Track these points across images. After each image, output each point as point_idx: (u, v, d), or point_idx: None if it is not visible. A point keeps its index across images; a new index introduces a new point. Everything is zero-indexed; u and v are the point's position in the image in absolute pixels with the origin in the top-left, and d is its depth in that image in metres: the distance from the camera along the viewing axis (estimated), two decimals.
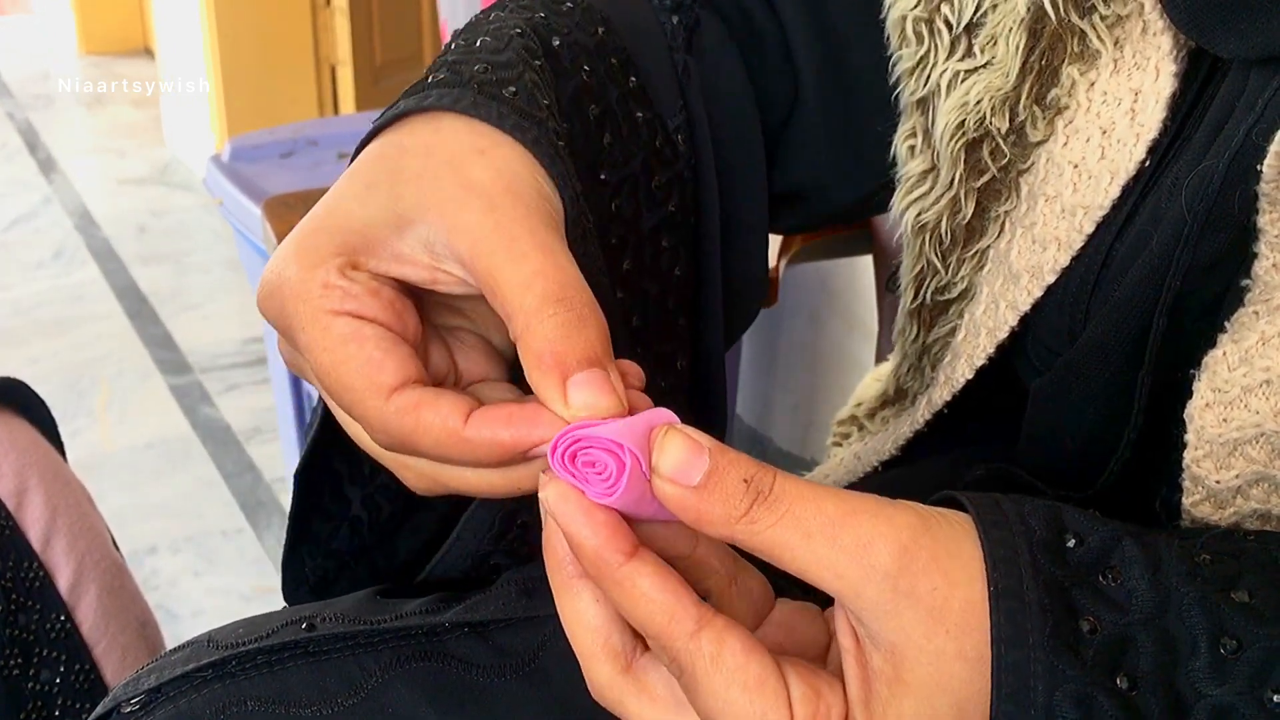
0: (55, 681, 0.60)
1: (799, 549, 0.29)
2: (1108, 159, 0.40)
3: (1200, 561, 0.30)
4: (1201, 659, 0.28)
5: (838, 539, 0.29)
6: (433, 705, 0.41)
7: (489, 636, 0.43)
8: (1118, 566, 0.29)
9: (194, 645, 0.43)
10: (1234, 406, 0.33)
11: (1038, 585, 0.28)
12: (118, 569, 0.66)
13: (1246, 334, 0.34)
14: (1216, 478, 0.34)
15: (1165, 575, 0.29)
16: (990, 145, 0.44)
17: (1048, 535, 0.30)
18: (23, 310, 2.42)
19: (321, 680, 0.41)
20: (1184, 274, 0.36)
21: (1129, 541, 0.30)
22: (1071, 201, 0.41)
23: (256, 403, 2.06)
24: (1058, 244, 0.42)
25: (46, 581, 0.61)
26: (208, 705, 0.40)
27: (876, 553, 0.29)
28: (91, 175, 3.29)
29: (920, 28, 0.45)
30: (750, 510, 0.29)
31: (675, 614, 0.29)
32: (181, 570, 1.62)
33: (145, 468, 1.86)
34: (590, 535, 0.30)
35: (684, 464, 0.30)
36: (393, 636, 0.42)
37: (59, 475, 0.64)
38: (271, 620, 0.43)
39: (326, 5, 2.91)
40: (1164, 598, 0.29)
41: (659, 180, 0.44)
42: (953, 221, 0.46)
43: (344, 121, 1.47)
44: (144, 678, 0.42)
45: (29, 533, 0.61)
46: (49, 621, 0.61)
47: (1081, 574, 0.29)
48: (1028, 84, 0.42)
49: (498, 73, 0.37)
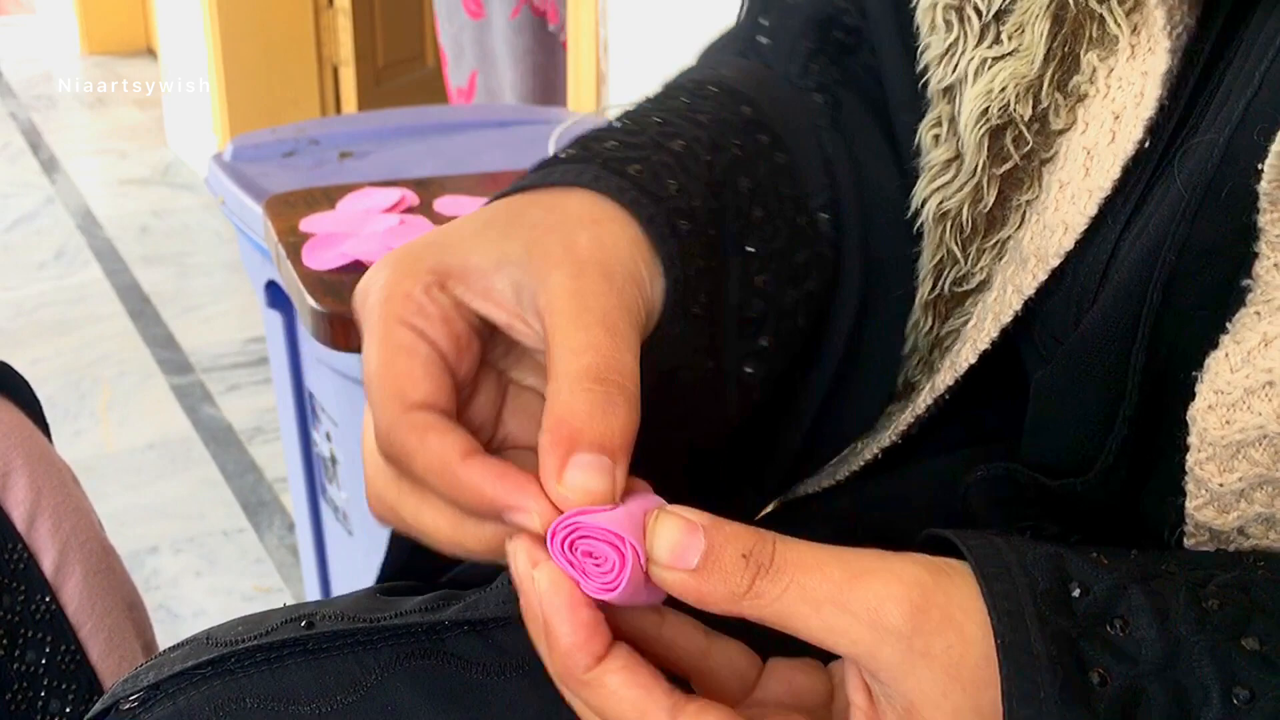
0: (40, 663, 0.60)
1: (810, 619, 0.29)
2: (1117, 143, 0.40)
3: (1209, 608, 0.29)
4: (1214, 710, 0.28)
5: (848, 605, 0.28)
6: (432, 703, 0.40)
7: (488, 635, 0.43)
8: (1125, 615, 0.29)
9: (193, 643, 0.42)
10: (1236, 409, 0.33)
11: (1045, 638, 0.28)
12: (104, 550, 0.66)
13: (1248, 335, 0.33)
14: (1220, 480, 0.34)
15: (1174, 624, 0.29)
16: (1013, 132, 0.44)
17: (1051, 585, 0.29)
18: (25, 311, 2.42)
19: (321, 677, 0.41)
20: (1179, 251, 0.36)
21: (1135, 589, 0.29)
22: (1082, 186, 0.41)
23: (258, 403, 2.06)
24: (1064, 228, 0.41)
25: (31, 563, 0.61)
26: (207, 702, 0.40)
27: (889, 615, 0.28)
28: (94, 176, 3.30)
29: (950, 15, 0.45)
30: (753, 585, 0.29)
31: (646, 710, 0.29)
32: (183, 570, 1.62)
33: (147, 468, 1.86)
34: (569, 634, 0.30)
35: (680, 547, 0.29)
36: (392, 634, 0.42)
37: (44, 457, 0.64)
38: (270, 618, 0.43)
39: (329, 6, 2.91)
40: (1174, 647, 0.28)
41: (800, 258, 0.44)
42: (974, 210, 0.45)
43: (346, 121, 1.47)
44: (143, 674, 0.42)
45: (13, 514, 0.61)
46: (34, 603, 0.60)
47: (1088, 625, 0.29)
48: (1050, 70, 0.42)
49: (626, 151, 0.38)
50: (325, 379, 1.18)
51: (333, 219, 0.90)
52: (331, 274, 0.81)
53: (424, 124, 1.40)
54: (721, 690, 0.34)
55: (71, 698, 0.61)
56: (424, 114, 1.50)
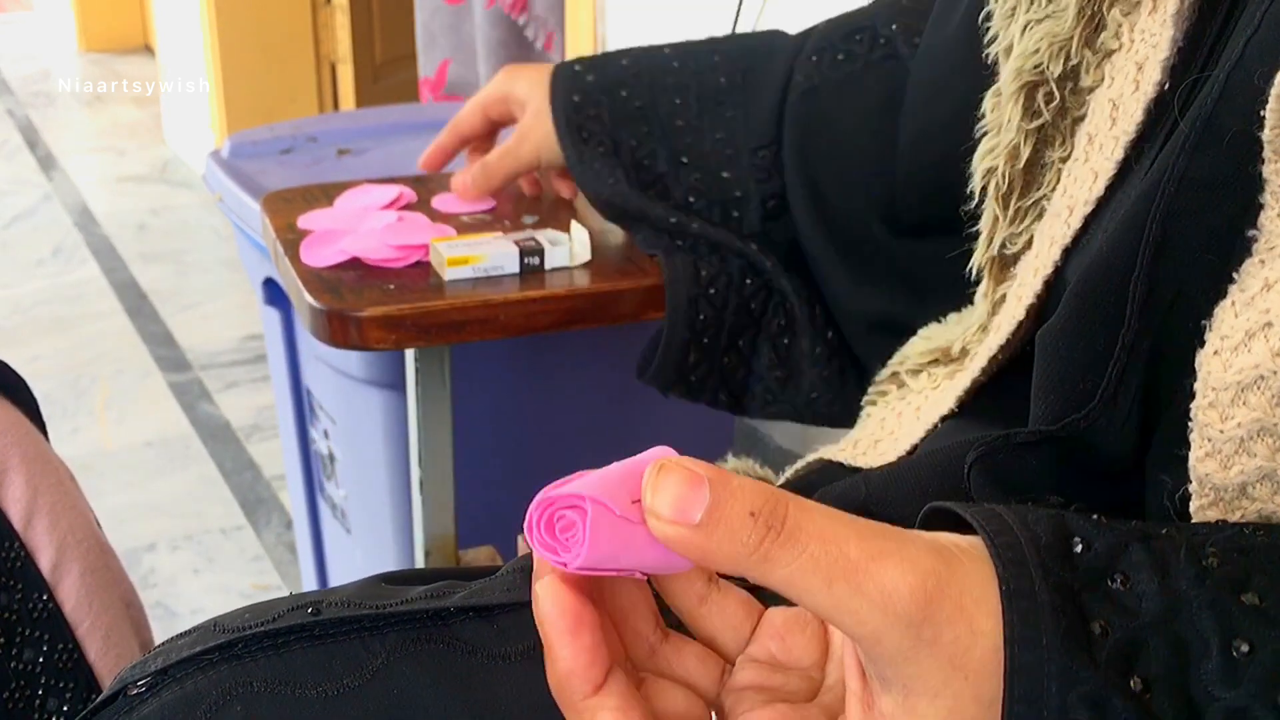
0: (38, 661, 0.60)
1: (819, 594, 0.28)
2: (1141, 90, 0.42)
3: (1208, 565, 0.29)
4: (1213, 662, 0.28)
5: (861, 586, 0.28)
6: (437, 687, 0.41)
7: (493, 620, 0.43)
8: (1126, 571, 0.29)
9: (200, 629, 0.43)
10: (1237, 351, 0.33)
11: (1048, 587, 0.28)
12: (101, 548, 0.66)
13: (1251, 282, 0.34)
14: (1220, 427, 0.34)
15: (1174, 579, 0.29)
16: (1045, 89, 0.47)
17: (1054, 541, 0.29)
18: (22, 308, 2.42)
19: (327, 662, 0.41)
20: (1178, 183, 0.36)
21: (1136, 546, 0.30)
22: (1109, 135, 0.43)
23: (256, 400, 2.06)
24: (1094, 176, 0.43)
25: (28, 561, 0.61)
26: (214, 687, 0.41)
27: (901, 601, 0.28)
28: (91, 173, 3.29)
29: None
30: (761, 545, 0.28)
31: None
32: (181, 568, 1.63)
33: (145, 465, 1.86)
34: (568, 658, 0.30)
35: (682, 501, 0.28)
36: (398, 620, 0.43)
37: (40, 455, 0.64)
38: (277, 605, 0.44)
39: (327, 3, 2.91)
40: (1174, 601, 0.29)
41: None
42: (1012, 166, 0.48)
43: (343, 118, 1.47)
44: (151, 660, 0.42)
45: (9, 512, 0.61)
46: (31, 601, 0.60)
47: (1090, 579, 0.29)
48: (1080, 29, 0.45)
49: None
50: (323, 376, 1.19)
51: (331, 216, 0.90)
52: (329, 271, 0.81)
53: (422, 121, 1.41)
54: (715, 642, 0.34)
55: (69, 696, 0.61)
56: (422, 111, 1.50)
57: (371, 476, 1.17)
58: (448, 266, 0.79)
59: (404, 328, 0.76)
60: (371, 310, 0.76)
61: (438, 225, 0.88)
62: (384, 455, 1.13)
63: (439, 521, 0.92)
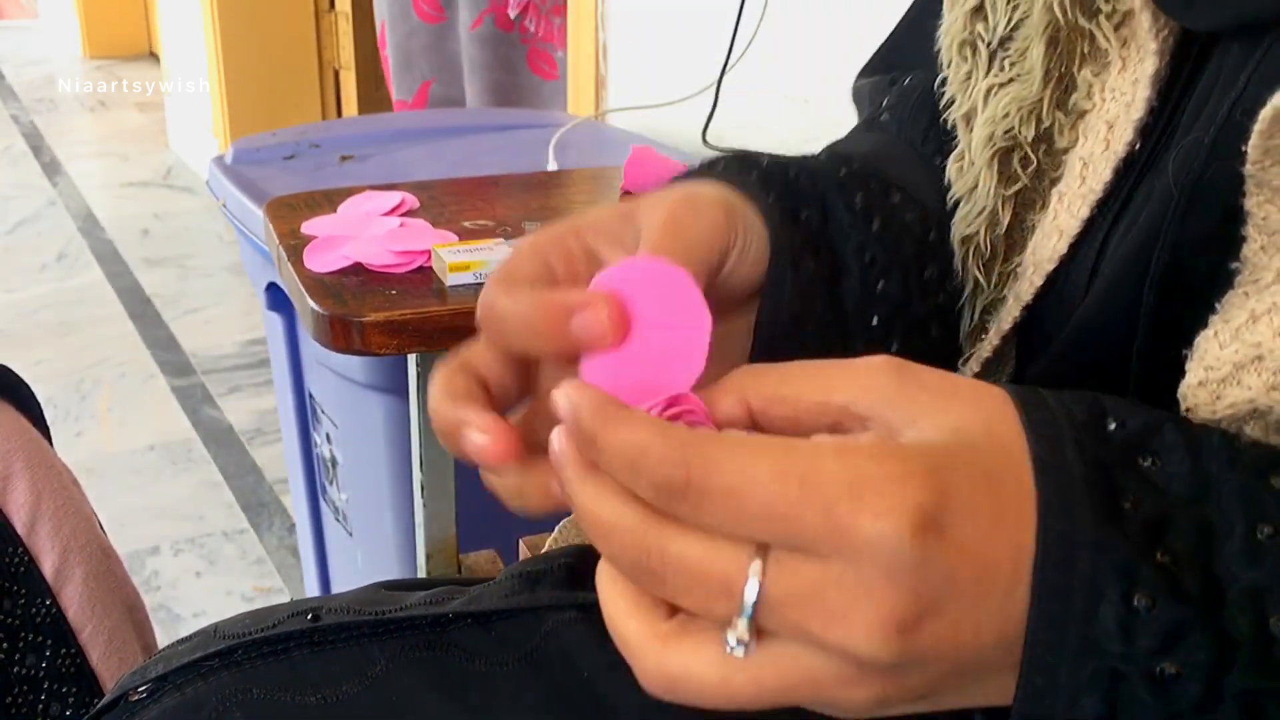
0: (41, 666, 0.60)
1: (814, 377, 0.30)
2: (1110, 148, 0.41)
3: (1242, 446, 0.30)
4: (1237, 543, 0.28)
5: (842, 363, 0.30)
6: (436, 693, 0.41)
7: (491, 627, 0.43)
8: (1158, 450, 0.30)
9: (201, 635, 0.43)
10: (1226, 384, 0.34)
11: (1082, 461, 0.29)
12: (104, 553, 0.66)
13: (1236, 313, 0.34)
14: None
15: (1206, 461, 0.29)
16: (1019, 154, 0.45)
17: (1088, 418, 0.30)
18: (26, 312, 2.43)
19: (326, 668, 0.41)
20: (1172, 249, 0.37)
21: (1170, 426, 0.30)
22: (1077, 193, 0.42)
23: (258, 404, 2.06)
24: (1059, 233, 0.43)
25: (31, 566, 0.61)
26: (214, 693, 0.41)
27: (878, 360, 0.30)
28: (95, 178, 3.30)
29: (965, 50, 0.47)
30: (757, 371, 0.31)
31: (668, 428, 0.29)
32: (183, 571, 1.63)
33: (147, 469, 1.86)
34: (594, 394, 0.29)
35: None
36: (397, 627, 0.43)
37: (44, 460, 0.64)
38: (277, 612, 0.44)
39: (330, 9, 2.92)
40: (1203, 484, 0.29)
41: (931, 272, 0.45)
42: (992, 233, 0.47)
43: (347, 124, 1.47)
44: (151, 666, 0.42)
45: (13, 518, 0.61)
46: (34, 606, 0.60)
47: (1122, 455, 0.29)
48: (1050, 91, 0.44)
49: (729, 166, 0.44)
50: (326, 381, 1.19)
51: (334, 222, 0.90)
52: (332, 276, 0.82)
53: (425, 127, 1.41)
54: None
55: (72, 701, 0.61)
56: (425, 117, 1.51)
57: (373, 480, 1.17)
58: (449, 272, 0.80)
59: (406, 333, 0.77)
60: (374, 315, 0.76)
61: (439, 231, 0.88)
62: (386, 459, 1.14)
63: (440, 525, 0.92)
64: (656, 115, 1.54)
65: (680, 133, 1.50)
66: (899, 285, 0.44)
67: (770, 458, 0.27)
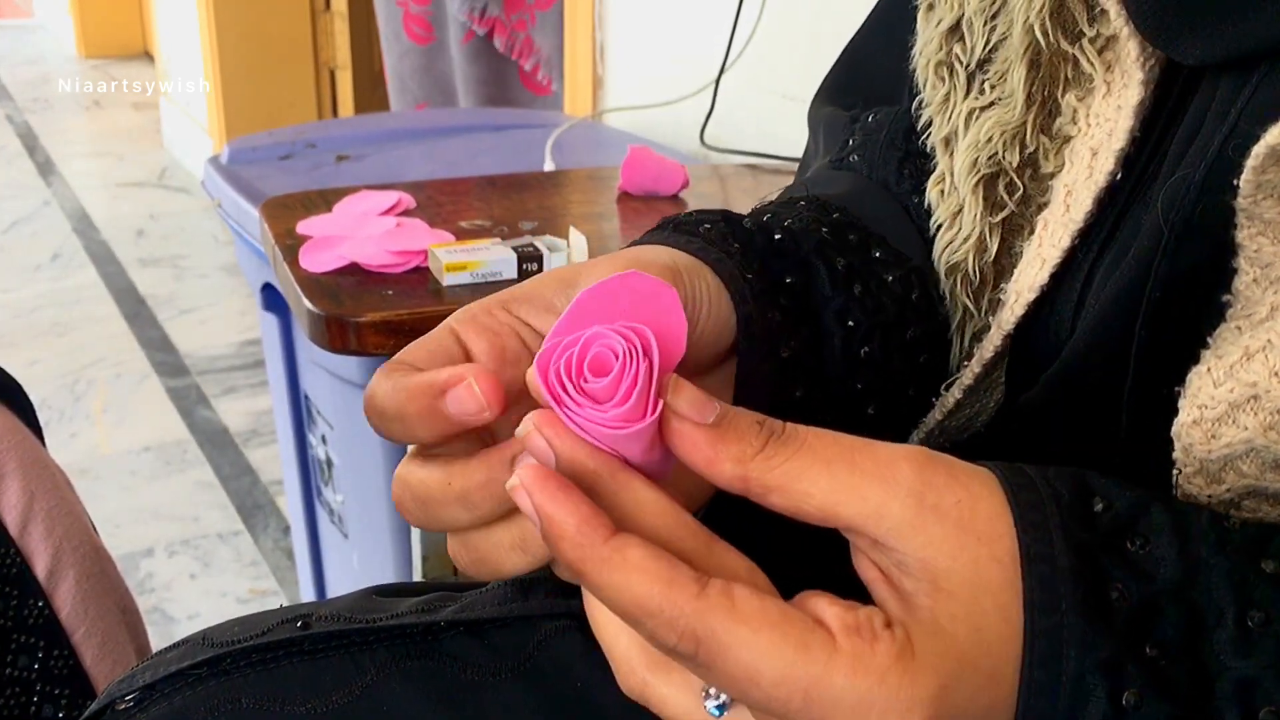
0: (34, 668, 0.59)
1: (819, 478, 0.28)
2: (1093, 178, 0.40)
3: (1230, 527, 0.29)
4: (1227, 631, 0.28)
5: (857, 463, 0.29)
6: (427, 704, 0.41)
7: (484, 636, 0.43)
8: (1146, 533, 0.29)
9: (189, 643, 0.43)
10: (1221, 423, 0.33)
11: (1069, 550, 0.28)
12: (97, 554, 0.65)
13: (1230, 349, 0.33)
14: (1208, 493, 0.34)
15: (1194, 544, 0.29)
16: (1005, 180, 0.44)
17: (1074, 500, 0.29)
18: (21, 313, 2.42)
19: (316, 677, 0.41)
20: (1163, 285, 0.36)
21: (1157, 508, 0.30)
22: (1061, 222, 0.41)
23: (254, 405, 2.06)
24: (1041, 262, 0.42)
25: (23, 567, 0.60)
26: (202, 703, 0.40)
27: (899, 470, 0.29)
28: (90, 178, 3.30)
29: (942, 71, 0.46)
30: (766, 446, 0.29)
31: (674, 578, 0.28)
32: (178, 573, 1.62)
33: (142, 470, 1.86)
34: (571, 513, 0.28)
35: (699, 402, 0.29)
36: (388, 635, 0.42)
37: (36, 460, 0.63)
38: (266, 619, 0.43)
39: (326, 10, 2.92)
40: (1192, 568, 0.28)
41: (914, 332, 0.45)
42: (980, 260, 0.46)
43: (342, 124, 1.47)
44: (138, 675, 0.42)
45: (5, 518, 0.60)
46: (26, 608, 0.60)
47: (1109, 540, 0.29)
48: (1033, 115, 0.43)
49: (695, 224, 0.41)
50: (321, 382, 1.18)
51: (329, 222, 0.90)
52: (328, 276, 0.81)
53: (420, 127, 1.41)
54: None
55: (65, 703, 0.61)
56: (420, 117, 1.50)
57: (369, 482, 1.17)
58: (446, 272, 0.79)
59: (402, 333, 0.76)
60: (370, 315, 0.76)
61: (436, 231, 0.88)
62: (382, 461, 1.13)
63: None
64: (654, 115, 1.53)
65: (678, 133, 1.49)
66: (880, 348, 0.43)
67: (781, 660, 0.27)
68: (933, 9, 0.46)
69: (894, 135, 0.51)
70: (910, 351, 0.44)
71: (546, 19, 1.87)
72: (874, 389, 0.43)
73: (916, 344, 0.45)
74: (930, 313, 0.46)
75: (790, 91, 1.36)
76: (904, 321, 0.44)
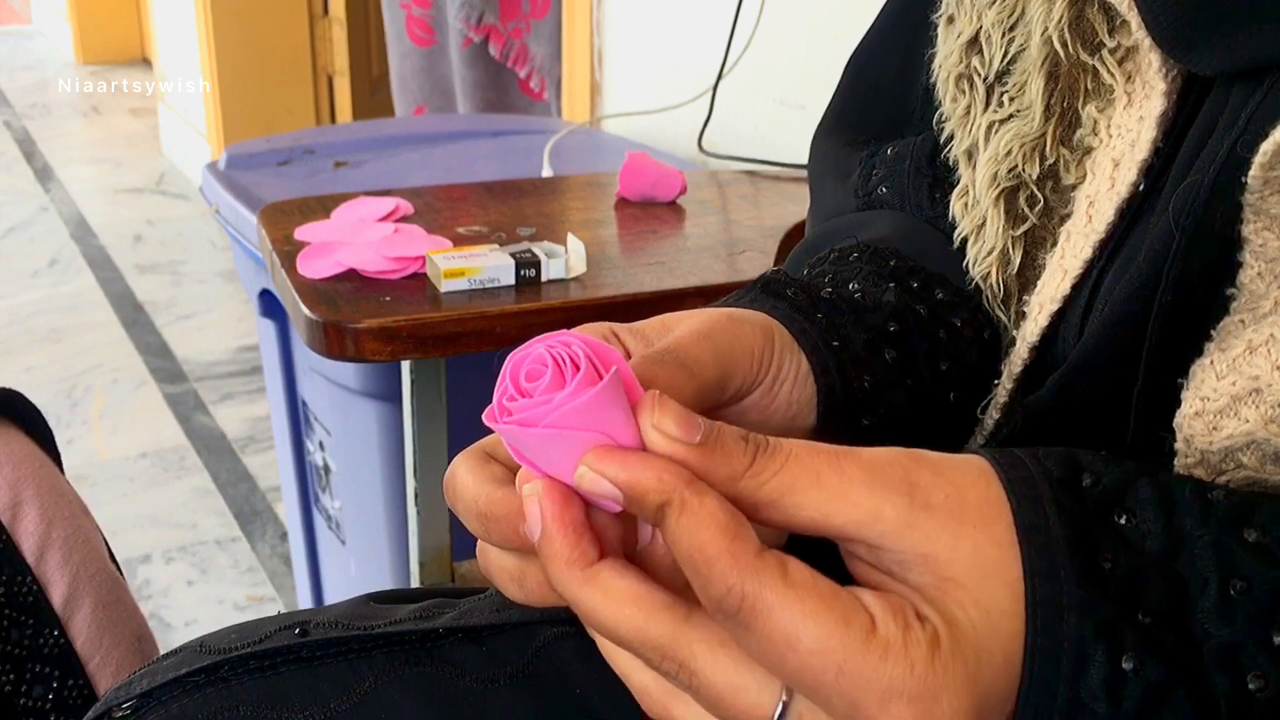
0: (48, 698, 0.59)
1: (809, 489, 0.29)
2: (1115, 188, 0.41)
3: (1214, 499, 0.30)
4: (1210, 600, 0.28)
5: (845, 471, 0.29)
6: (425, 710, 0.41)
7: (482, 643, 0.43)
8: (1133, 508, 0.30)
9: (186, 650, 0.42)
10: (1223, 415, 0.34)
11: (1062, 521, 0.29)
12: (113, 582, 0.65)
13: (1233, 342, 0.34)
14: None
15: (1179, 517, 0.29)
16: (1026, 193, 0.45)
17: (1064, 475, 0.30)
18: (18, 319, 2.42)
19: (314, 684, 0.41)
20: (1175, 289, 0.37)
21: (1144, 482, 0.30)
22: (1084, 233, 0.42)
23: (251, 412, 2.05)
24: (1064, 274, 0.42)
25: (40, 596, 0.60)
26: (200, 710, 0.40)
27: (887, 473, 0.29)
28: (88, 184, 3.29)
29: (962, 84, 0.46)
30: (755, 462, 0.29)
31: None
32: (175, 579, 1.62)
33: (139, 476, 1.85)
34: (559, 534, 0.29)
35: (685, 420, 0.30)
36: (386, 642, 0.42)
37: (54, 488, 0.63)
38: (264, 626, 0.43)
39: (324, 15, 2.92)
40: (1177, 540, 0.29)
41: (989, 369, 0.46)
42: (1004, 273, 0.46)
43: (340, 130, 1.47)
44: (136, 682, 0.42)
45: (23, 546, 0.60)
46: (42, 637, 0.60)
47: (1099, 514, 0.29)
48: (1052, 127, 0.43)
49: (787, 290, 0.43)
50: (319, 388, 1.18)
51: (327, 228, 0.90)
52: (326, 282, 0.81)
53: (418, 134, 1.41)
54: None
55: None
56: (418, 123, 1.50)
57: (367, 488, 1.16)
58: (444, 278, 0.79)
59: (400, 339, 0.76)
60: (368, 322, 0.76)
61: (434, 237, 0.88)
62: (379, 467, 1.13)
63: (434, 533, 0.92)
64: (652, 121, 1.54)
65: (676, 139, 1.49)
66: (966, 392, 0.45)
67: (821, 630, 0.27)
68: (953, 21, 0.46)
69: (919, 162, 0.52)
70: (983, 388, 0.46)
71: (541, 28, 1.88)
72: (962, 433, 0.45)
73: (988, 377, 0.46)
74: (996, 348, 0.47)
75: (788, 97, 1.36)
76: (984, 360, 0.46)
